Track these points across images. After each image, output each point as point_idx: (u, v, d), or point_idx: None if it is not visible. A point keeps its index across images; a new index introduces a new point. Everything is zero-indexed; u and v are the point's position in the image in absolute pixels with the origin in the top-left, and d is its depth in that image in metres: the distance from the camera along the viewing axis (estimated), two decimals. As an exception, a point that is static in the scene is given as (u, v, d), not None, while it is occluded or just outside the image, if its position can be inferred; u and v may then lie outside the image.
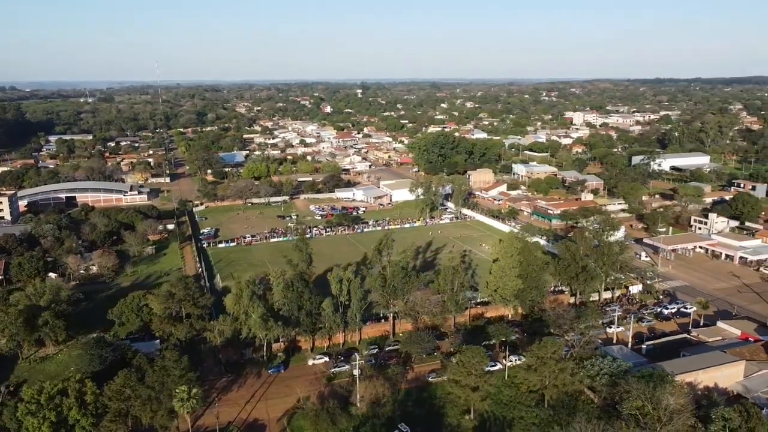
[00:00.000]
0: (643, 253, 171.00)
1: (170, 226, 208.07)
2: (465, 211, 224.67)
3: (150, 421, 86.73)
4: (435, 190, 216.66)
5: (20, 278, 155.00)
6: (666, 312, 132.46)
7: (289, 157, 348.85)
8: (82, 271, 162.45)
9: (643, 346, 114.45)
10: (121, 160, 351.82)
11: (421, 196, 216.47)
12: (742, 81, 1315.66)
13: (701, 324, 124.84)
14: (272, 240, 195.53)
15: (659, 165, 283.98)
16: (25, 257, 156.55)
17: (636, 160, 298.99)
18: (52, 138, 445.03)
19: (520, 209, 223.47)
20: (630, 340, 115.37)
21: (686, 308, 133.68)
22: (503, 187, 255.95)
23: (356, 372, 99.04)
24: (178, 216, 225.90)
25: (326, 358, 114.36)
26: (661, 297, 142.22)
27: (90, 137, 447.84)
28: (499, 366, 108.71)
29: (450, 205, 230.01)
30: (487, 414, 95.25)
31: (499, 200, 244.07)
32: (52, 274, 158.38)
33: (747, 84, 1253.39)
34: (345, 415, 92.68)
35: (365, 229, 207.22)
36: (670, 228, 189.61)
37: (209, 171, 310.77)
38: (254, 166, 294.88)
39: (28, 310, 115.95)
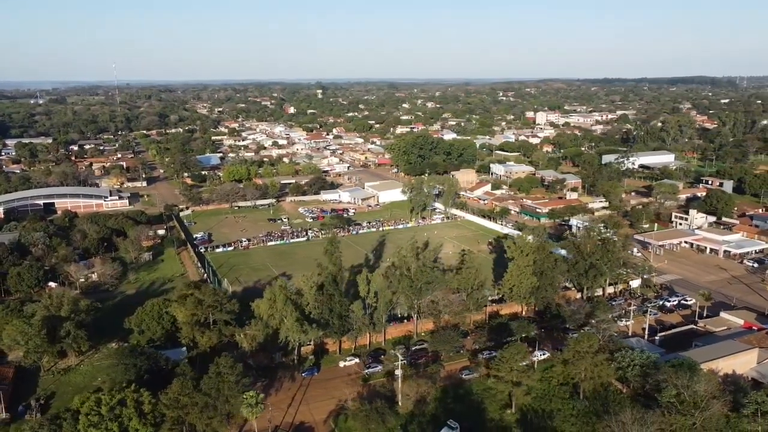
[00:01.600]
0: (635, 249, 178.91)
1: (161, 232, 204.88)
2: (454, 211, 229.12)
3: (205, 428, 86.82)
4: (427, 191, 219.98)
5: (19, 289, 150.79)
6: (668, 305, 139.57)
7: (265, 159, 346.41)
8: (81, 280, 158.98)
9: (656, 338, 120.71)
10: (90, 165, 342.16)
11: (414, 197, 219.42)
12: (685, 81, 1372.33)
13: (704, 315, 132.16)
14: (269, 243, 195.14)
15: (633, 163, 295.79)
16: (24, 267, 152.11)
17: (608, 158, 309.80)
18: (10, 142, 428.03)
19: (508, 208, 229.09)
20: (646, 332, 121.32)
21: (686, 300, 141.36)
22: (488, 187, 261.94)
23: (398, 372, 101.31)
24: (166, 221, 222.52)
25: (357, 360, 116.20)
26: (659, 291, 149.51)
27: (50, 140, 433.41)
28: (526, 361, 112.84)
29: (438, 205, 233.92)
30: (526, 407, 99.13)
31: (484, 200, 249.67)
32: (52, 284, 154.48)
33: (690, 84, 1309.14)
34: (393, 414, 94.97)
35: (360, 231, 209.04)
36: (655, 224, 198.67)
37: (186, 174, 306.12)
38: (234, 168, 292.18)
39: (48, 321, 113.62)
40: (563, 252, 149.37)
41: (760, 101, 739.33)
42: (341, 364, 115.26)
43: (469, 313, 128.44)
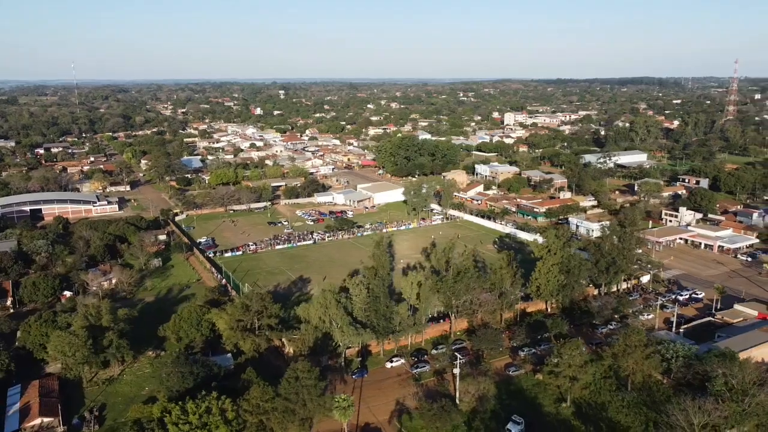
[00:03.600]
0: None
1: (162, 237, 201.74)
2: (452, 211, 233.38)
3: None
4: (428, 192, 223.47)
5: (33, 299, 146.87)
6: (681, 299, 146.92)
7: (248, 162, 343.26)
8: (94, 288, 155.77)
9: (681, 331, 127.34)
10: (63, 169, 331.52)
11: (415, 199, 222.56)
12: (634, 81, 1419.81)
13: (718, 308, 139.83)
14: (277, 247, 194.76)
15: (614, 163, 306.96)
16: (39, 276, 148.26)
17: (589, 158, 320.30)
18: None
19: (509, 208, 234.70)
20: (674, 325, 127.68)
21: (697, 294, 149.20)
22: (480, 188, 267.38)
23: (456, 371, 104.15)
24: (163, 226, 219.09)
25: (403, 360, 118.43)
26: (669, 285, 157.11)
27: (12, 144, 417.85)
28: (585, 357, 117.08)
29: (435, 206, 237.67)
30: (579, 400, 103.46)
31: (478, 200, 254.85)
32: (67, 293, 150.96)
33: (639, 84, 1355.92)
34: (457, 411, 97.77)
35: (364, 233, 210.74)
36: (649, 222, 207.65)
37: (169, 178, 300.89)
38: (222, 172, 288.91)
39: (90, 332, 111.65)
40: (580, 251, 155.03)
41: (708, 101, 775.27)
42: (388, 365, 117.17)
43: (502, 312, 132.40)
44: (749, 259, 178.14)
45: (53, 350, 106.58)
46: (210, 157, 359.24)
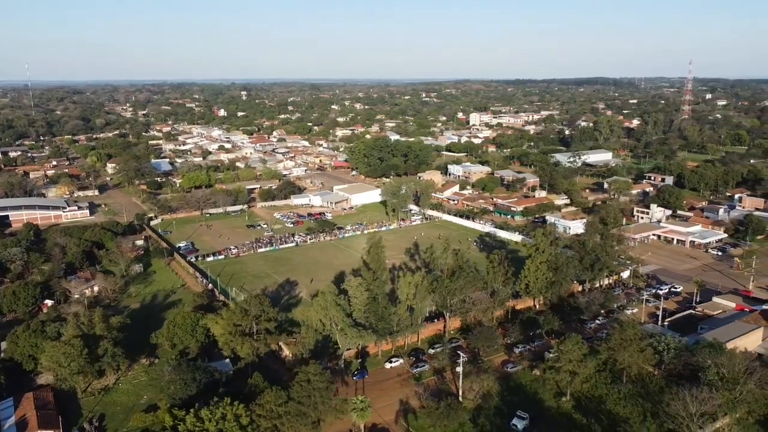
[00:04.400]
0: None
1: (139, 242, 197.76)
2: (430, 212, 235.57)
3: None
4: (406, 193, 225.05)
5: (14, 309, 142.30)
6: (661, 293, 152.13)
7: (219, 164, 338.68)
8: (76, 296, 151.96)
9: (666, 323, 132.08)
10: (25, 174, 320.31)
11: (394, 200, 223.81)
12: (590, 81, 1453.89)
13: (696, 301, 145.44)
14: (260, 250, 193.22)
15: (584, 162, 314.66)
16: (19, 285, 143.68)
17: (561, 158, 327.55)
18: None
19: (488, 208, 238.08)
20: (659, 319, 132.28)
21: (675, 288, 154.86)
22: (456, 188, 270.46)
23: (459, 369, 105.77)
24: (139, 231, 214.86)
25: (402, 360, 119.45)
26: (648, 280, 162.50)
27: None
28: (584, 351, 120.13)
29: (413, 207, 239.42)
30: (578, 394, 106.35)
31: (454, 200, 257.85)
32: (48, 302, 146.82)
33: (595, 84, 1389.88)
34: (462, 409, 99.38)
35: (346, 235, 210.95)
36: (624, 219, 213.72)
37: (138, 182, 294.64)
38: (194, 175, 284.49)
39: (85, 341, 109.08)
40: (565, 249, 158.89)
41: (663, 101, 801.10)
42: (387, 365, 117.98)
43: (493, 310, 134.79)
44: (720, 253, 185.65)
45: (48, 361, 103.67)
46: (179, 160, 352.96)
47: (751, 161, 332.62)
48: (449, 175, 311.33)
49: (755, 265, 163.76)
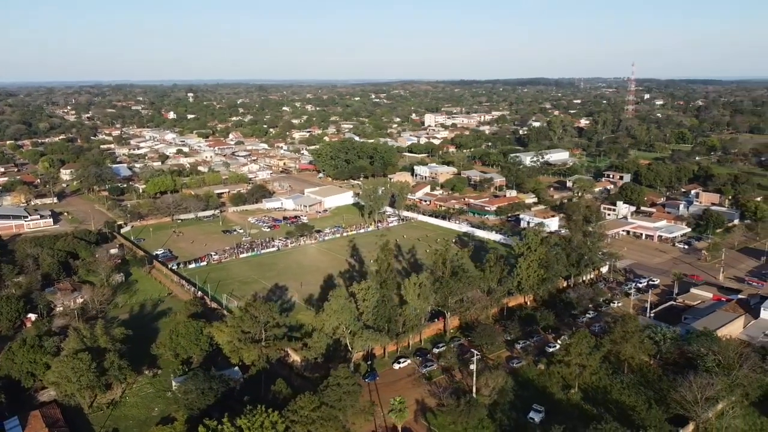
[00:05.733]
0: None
1: (113, 251, 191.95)
2: (406, 213, 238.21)
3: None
4: (383, 195, 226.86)
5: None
6: (641, 286, 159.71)
7: (178, 168, 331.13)
8: (59, 308, 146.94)
9: (652, 315, 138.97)
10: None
11: (370, 201, 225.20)
12: (532, 82, 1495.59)
13: (676, 292, 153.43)
14: (241, 256, 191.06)
15: (547, 161, 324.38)
16: (1, 299, 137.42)
17: (521, 157, 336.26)
18: None
19: (463, 208, 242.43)
20: (648, 311, 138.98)
21: (653, 281, 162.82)
22: (427, 188, 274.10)
23: (473, 366, 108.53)
24: (110, 239, 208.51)
25: (409, 361, 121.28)
26: (626, 274, 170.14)
27: None
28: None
29: (387, 208, 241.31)
30: (582, 386, 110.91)
31: (426, 201, 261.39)
32: (31, 315, 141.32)
33: (538, 84, 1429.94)
34: (480, 406, 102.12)
35: (325, 238, 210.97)
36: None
37: (98, 188, 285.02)
38: (160, 180, 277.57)
39: (91, 355, 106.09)
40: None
41: (605, 101, 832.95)
42: (395, 366, 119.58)
43: (490, 308, 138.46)
44: (686, 246, 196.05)
45: (57, 377, 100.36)
46: (137, 165, 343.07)
47: (697, 158, 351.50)
48: (416, 176, 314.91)
49: (723, 257, 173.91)
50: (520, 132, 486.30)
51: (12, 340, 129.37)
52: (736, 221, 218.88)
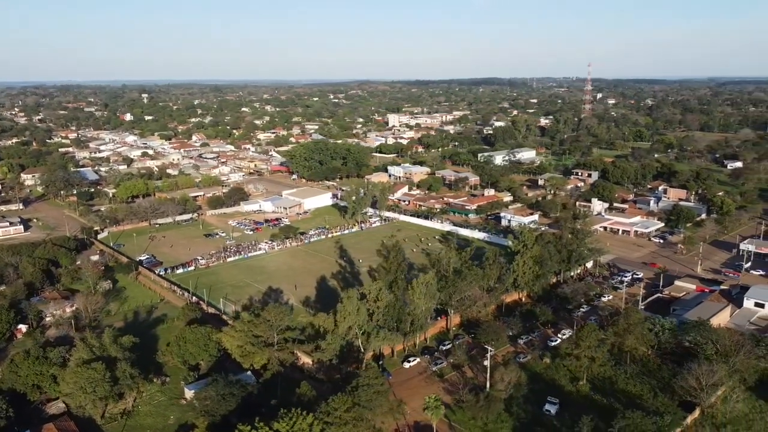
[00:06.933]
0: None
1: (94, 258, 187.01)
2: (387, 213, 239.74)
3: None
4: (366, 196, 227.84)
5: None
6: (625, 279, 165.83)
7: (146, 171, 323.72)
8: (48, 318, 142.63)
9: (642, 307, 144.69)
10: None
11: (355, 202, 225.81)
12: (486, 82, 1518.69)
13: (662, 285, 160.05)
14: (229, 260, 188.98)
15: (519, 160, 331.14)
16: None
17: (493, 156, 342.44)
18: None
19: (445, 208, 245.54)
20: (639, 303, 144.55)
21: (637, 274, 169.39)
22: (405, 189, 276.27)
23: (486, 362, 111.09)
24: (88, 245, 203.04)
25: (418, 359, 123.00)
26: (610, 269, 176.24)
27: None
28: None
29: (368, 209, 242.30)
30: (590, 378, 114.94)
31: (405, 201, 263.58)
32: (22, 326, 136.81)
33: (492, 84, 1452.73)
34: (497, 400, 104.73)
35: (311, 239, 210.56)
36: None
37: (65, 193, 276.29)
38: (131, 184, 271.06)
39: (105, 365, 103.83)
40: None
41: (560, 101, 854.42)
42: (405, 365, 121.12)
43: (489, 305, 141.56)
44: (661, 240, 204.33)
45: (72, 388, 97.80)
46: (103, 169, 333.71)
47: (656, 156, 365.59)
48: (390, 176, 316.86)
49: (699, 250, 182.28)
50: (485, 131, 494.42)
51: (3, 352, 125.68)
52: (704, 215, 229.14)
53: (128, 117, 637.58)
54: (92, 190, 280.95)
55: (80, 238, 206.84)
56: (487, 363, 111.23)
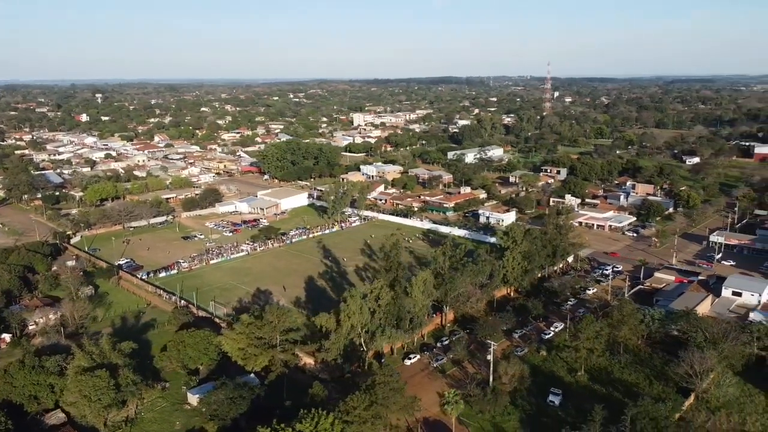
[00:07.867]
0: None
1: (70, 263, 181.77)
2: (366, 212, 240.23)
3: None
4: (346, 195, 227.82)
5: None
6: (607, 273, 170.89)
7: (112, 173, 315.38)
8: (31, 326, 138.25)
9: (627, 298, 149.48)
10: None
11: (335, 202, 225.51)
12: (444, 81, 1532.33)
13: (642, 277, 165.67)
14: (211, 262, 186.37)
15: (490, 158, 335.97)
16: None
17: (465, 154, 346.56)
18: None
19: (425, 206, 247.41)
20: (626, 295, 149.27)
21: (617, 267, 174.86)
22: (382, 188, 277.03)
23: (489, 357, 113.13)
24: (62, 251, 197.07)
25: (418, 356, 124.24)
26: (590, 263, 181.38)
27: None
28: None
29: (347, 208, 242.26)
30: (587, 368, 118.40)
31: (381, 200, 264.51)
32: (5, 336, 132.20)
33: (450, 83, 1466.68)
34: (503, 394, 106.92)
35: (293, 240, 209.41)
36: (546, 209, 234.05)
37: (29, 197, 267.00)
38: (100, 187, 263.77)
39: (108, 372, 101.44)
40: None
41: (519, 99, 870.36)
42: (406, 362, 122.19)
43: (483, 300, 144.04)
44: (635, 234, 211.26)
45: (76, 397, 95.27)
46: (66, 172, 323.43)
47: (618, 152, 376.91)
48: (363, 175, 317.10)
49: (674, 243, 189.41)
50: (451, 130, 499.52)
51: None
52: (671, 209, 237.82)
53: (84, 118, 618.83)
54: (57, 193, 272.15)
55: (52, 243, 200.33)
56: (490, 357, 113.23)
